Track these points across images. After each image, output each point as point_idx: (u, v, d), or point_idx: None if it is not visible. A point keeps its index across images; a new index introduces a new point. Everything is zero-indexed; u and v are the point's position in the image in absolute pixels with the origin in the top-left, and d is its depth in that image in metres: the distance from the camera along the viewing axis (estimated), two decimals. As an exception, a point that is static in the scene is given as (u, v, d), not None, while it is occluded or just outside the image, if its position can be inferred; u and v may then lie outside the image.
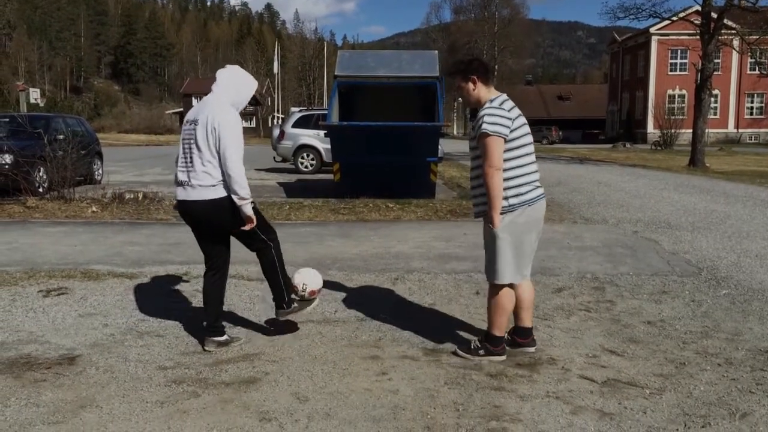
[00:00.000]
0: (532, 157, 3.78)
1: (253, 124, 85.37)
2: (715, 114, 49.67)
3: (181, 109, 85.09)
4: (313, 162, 18.49)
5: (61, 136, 11.53)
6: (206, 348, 4.03)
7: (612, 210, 10.43)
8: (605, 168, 22.03)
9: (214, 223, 3.97)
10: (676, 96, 53.10)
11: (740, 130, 54.52)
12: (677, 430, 2.99)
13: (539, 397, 3.34)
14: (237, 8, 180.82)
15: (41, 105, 42.71)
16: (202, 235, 4.10)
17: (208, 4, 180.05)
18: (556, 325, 4.56)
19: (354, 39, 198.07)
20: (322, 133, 16.96)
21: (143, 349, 4.03)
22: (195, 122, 3.87)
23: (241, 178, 3.82)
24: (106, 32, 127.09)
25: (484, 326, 4.51)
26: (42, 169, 11.24)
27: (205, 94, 4.02)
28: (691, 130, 23.23)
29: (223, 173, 3.82)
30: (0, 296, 5.16)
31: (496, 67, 72.03)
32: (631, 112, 58.80)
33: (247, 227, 3.98)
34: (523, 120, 3.74)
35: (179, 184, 3.95)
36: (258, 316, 4.74)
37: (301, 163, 18.48)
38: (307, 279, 4.37)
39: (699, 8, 22.48)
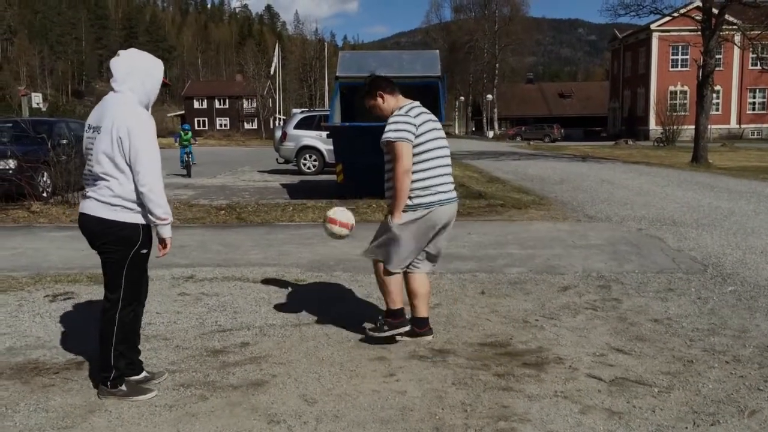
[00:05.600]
0: (439, 162, 3.98)
1: (255, 126, 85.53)
2: (717, 110, 49.62)
3: (183, 112, 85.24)
4: (316, 163, 18.53)
5: (65, 141, 11.54)
6: (100, 395, 3.37)
7: (616, 208, 10.42)
8: (608, 165, 22.00)
9: (101, 247, 3.31)
10: (678, 92, 53.05)
11: (742, 126, 54.49)
12: (686, 428, 2.99)
13: (547, 396, 3.34)
14: (237, 10, 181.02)
15: (43, 109, 42.79)
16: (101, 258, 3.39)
17: (209, 6, 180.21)
18: (563, 324, 4.56)
19: (355, 39, 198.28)
20: (324, 134, 16.97)
21: (150, 352, 4.03)
22: (97, 129, 3.21)
23: (157, 195, 3.19)
24: (107, 36, 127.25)
25: (489, 324, 4.55)
26: (46, 173, 11.25)
27: (208, 97, 3.66)
28: (693, 126, 23.22)
29: (135, 192, 3.20)
30: (7, 301, 5.18)
31: (497, 65, 72.10)
32: (632, 108, 58.79)
33: (161, 254, 3.41)
34: (431, 126, 3.96)
35: (83, 195, 3.39)
36: (264, 318, 4.74)
37: (304, 164, 18.53)
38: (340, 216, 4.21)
39: (700, 4, 22.46)
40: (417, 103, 4.06)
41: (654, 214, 9.59)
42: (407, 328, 4.17)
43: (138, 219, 3.27)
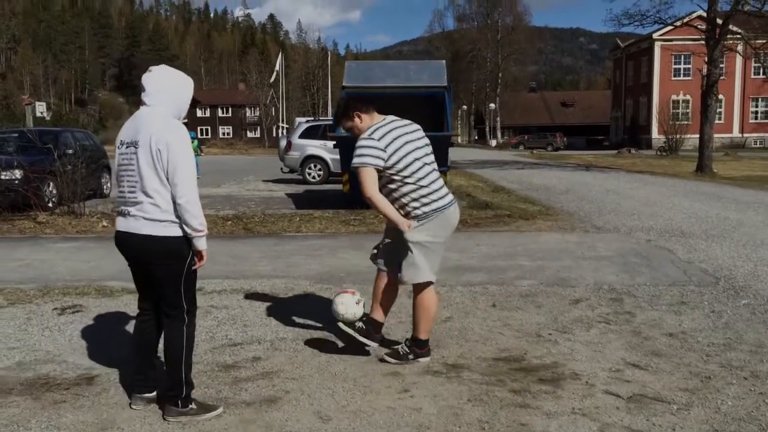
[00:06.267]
0: (426, 170, 3.97)
1: (258, 134, 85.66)
2: (719, 119, 49.52)
3: (186, 120, 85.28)
4: (321, 172, 18.53)
5: (70, 151, 11.55)
6: (167, 417, 3.33)
7: (623, 218, 10.38)
8: (612, 175, 21.97)
9: (154, 264, 3.27)
10: (681, 101, 53.09)
11: (745, 135, 54.48)
12: (709, 447, 2.94)
13: (565, 414, 3.30)
14: (240, 19, 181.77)
15: (47, 118, 42.86)
16: (141, 275, 3.42)
17: (212, 15, 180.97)
18: (576, 338, 4.51)
19: (357, 48, 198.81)
20: (329, 143, 16.98)
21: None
22: (134, 144, 3.20)
23: (194, 206, 3.22)
24: (110, 45, 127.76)
25: (503, 338, 4.50)
26: (51, 183, 11.24)
27: (211, 106, 3.51)
28: (695, 135, 23.23)
29: (173, 204, 3.22)
30: (15, 314, 5.14)
31: (500, 74, 72.21)
32: (635, 117, 58.80)
33: (196, 266, 3.38)
34: (404, 140, 3.95)
35: (119, 213, 3.32)
36: (275, 332, 4.70)
37: (309, 174, 18.53)
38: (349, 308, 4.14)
39: (703, 14, 22.47)
40: (388, 119, 4.06)
41: (662, 225, 9.54)
42: (429, 359, 4.11)
43: (183, 231, 3.27)
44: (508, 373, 3.87)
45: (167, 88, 3.29)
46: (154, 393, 3.47)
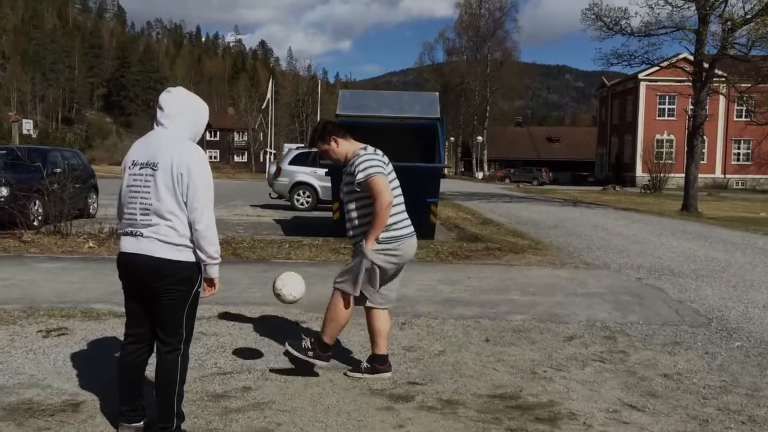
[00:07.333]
0: (399, 198, 4.20)
1: (245, 159, 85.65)
2: (702, 159, 50.35)
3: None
4: (309, 199, 18.48)
5: (58, 170, 11.42)
6: None
7: (612, 255, 10.40)
8: (599, 211, 22.11)
9: (162, 289, 3.14)
10: (665, 140, 53.92)
11: (727, 176, 55.30)
12: (712, 494, 2.89)
13: (565, 455, 3.23)
14: (231, 44, 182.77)
15: (34, 136, 42.61)
16: (142, 299, 3.25)
17: (203, 39, 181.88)
18: (572, 376, 4.46)
19: (347, 77, 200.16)
20: (318, 170, 16.98)
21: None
22: (151, 165, 3.11)
23: (213, 233, 3.16)
24: (100, 65, 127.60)
25: (497, 374, 4.45)
26: (38, 202, 11.09)
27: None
28: (679, 175, 23.53)
29: (190, 229, 3.14)
30: (-2, 336, 5.01)
31: (488, 108, 73.01)
32: (619, 155, 59.56)
33: (207, 294, 3.31)
34: (391, 167, 4.20)
35: (128, 234, 3.21)
36: (266, 361, 4.60)
37: (297, 200, 18.48)
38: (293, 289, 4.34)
39: (690, 57, 22.91)
40: (368, 146, 4.23)
41: (651, 263, 9.57)
42: (390, 374, 4.27)
43: (195, 257, 3.20)
44: (504, 410, 3.81)
45: (186, 111, 3.24)
46: (142, 422, 3.35)
